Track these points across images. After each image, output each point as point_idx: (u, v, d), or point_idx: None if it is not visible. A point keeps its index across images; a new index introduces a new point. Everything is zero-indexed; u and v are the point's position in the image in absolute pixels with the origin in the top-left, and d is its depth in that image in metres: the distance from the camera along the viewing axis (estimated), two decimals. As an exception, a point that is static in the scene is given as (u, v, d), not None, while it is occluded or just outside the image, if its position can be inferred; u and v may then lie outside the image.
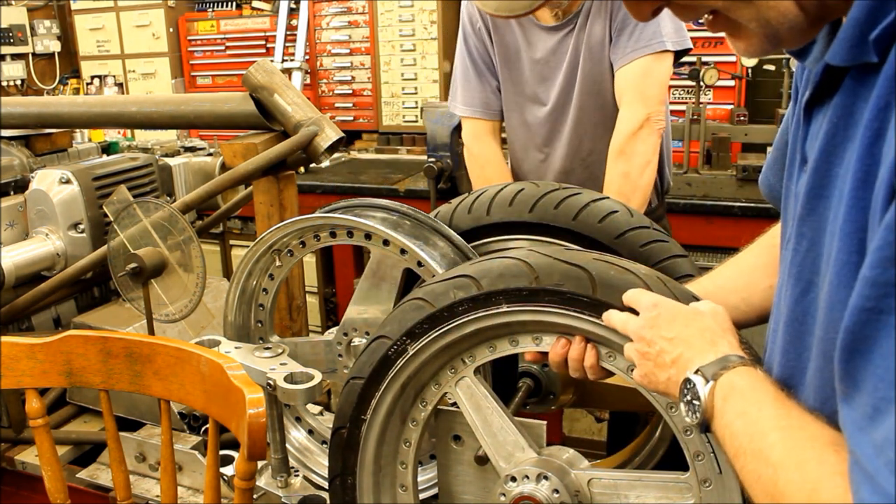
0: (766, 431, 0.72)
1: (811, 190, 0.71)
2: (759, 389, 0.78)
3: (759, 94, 3.77)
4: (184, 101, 1.91)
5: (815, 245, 0.71)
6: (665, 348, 0.89)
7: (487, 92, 2.08)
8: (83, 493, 1.67)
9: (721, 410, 0.79)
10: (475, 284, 1.02)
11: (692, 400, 0.82)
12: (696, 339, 0.89)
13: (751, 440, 0.72)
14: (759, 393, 0.77)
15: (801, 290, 0.74)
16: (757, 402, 0.76)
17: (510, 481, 1.04)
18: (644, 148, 1.87)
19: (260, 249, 1.41)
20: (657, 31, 1.84)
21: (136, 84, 4.94)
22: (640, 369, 0.92)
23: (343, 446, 1.14)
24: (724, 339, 0.88)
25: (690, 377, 0.83)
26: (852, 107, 0.66)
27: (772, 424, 0.72)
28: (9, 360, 1.31)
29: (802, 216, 0.73)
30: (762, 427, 0.72)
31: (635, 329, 0.93)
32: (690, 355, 0.87)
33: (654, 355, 0.90)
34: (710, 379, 0.81)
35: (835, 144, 0.68)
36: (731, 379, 0.80)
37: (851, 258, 0.61)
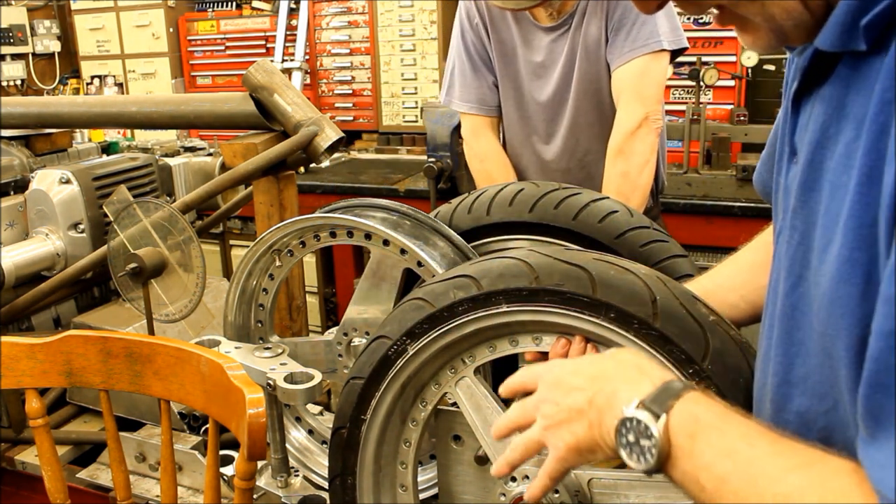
0: (778, 474, 0.62)
1: (804, 183, 0.70)
2: (731, 420, 0.68)
3: (759, 94, 3.77)
4: (184, 101, 1.91)
5: (805, 238, 0.70)
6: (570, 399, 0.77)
7: (484, 88, 2.09)
8: (83, 493, 1.67)
9: (688, 451, 0.67)
10: (475, 284, 1.02)
11: (638, 440, 0.70)
12: (609, 374, 0.77)
13: (754, 485, 0.62)
14: (734, 423, 0.67)
15: (792, 284, 0.73)
16: (742, 436, 0.66)
17: (510, 481, 1.04)
18: (643, 147, 1.87)
19: (260, 249, 1.41)
20: (654, 30, 1.84)
21: (136, 84, 4.94)
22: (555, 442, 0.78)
23: (343, 446, 1.14)
24: (647, 364, 0.78)
25: (630, 414, 0.70)
26: (844, 98, 0.65)
27: (782, 464, 0.62)
28: (9, 360, 1.31)
29: (795, 209, 0.72)
30: (769, 468, 0.62)
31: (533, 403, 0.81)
32: (612, 388, 0.75)
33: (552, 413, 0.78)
34: (660, 412, 0.69)
35: (827, 137, 0.67)
36: (689, 410, 0.69)
37: (853, 254, 0.60)
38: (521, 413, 0.84)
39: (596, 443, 0.76)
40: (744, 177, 3.15)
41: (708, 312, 0.94)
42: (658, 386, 0.72)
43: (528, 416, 0.82)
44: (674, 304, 0.93)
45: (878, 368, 0.55)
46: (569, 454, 0.78)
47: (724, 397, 0.88)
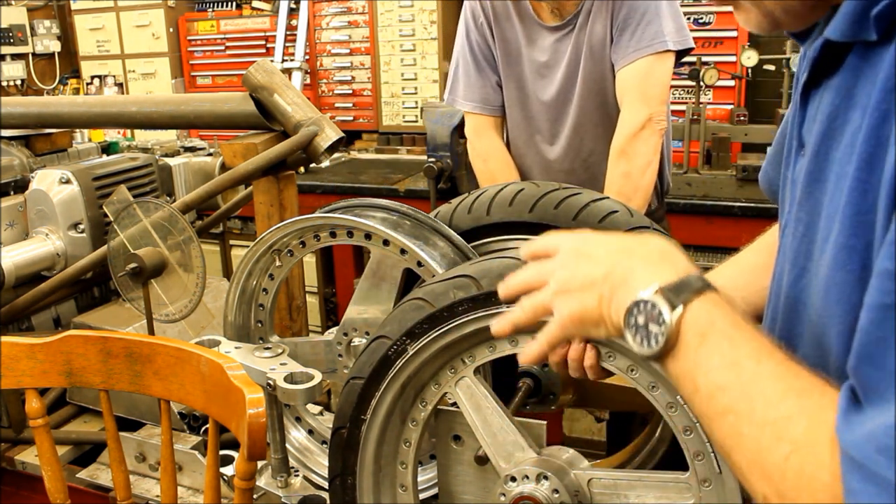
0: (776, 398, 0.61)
1: (810, 174, 0.70)
2: (745, 332, 0.66)
3: (759, 94, 3.77)
4: (184, 101, 1.91)
5: (809, 230, 0.70)
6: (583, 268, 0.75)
7: (488, 88, 2.08)
8: (83, 493, 1.67)
9: (695, 349, 0.66)
10: (475, 284, 1.02)
11: (647, 323, 0.68)
12: (634, 252, 0.74)
13: (750, 402, 0.62)
14: (747, 336, 0.66)
15: (795, 276, 0.72)
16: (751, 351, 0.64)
17: (510, 481, 1.04)
18: (646, 148, 1.87)
19: (260, 249, 1.41)
20: (659, 30, 1.83)
21: (136, 84, 4.95)
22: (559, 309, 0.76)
23: (343, 446, 1.14)
24: (676, 255, 0.74)
25: (647, 297, 0.68)
26: (854, 88, 0.64)
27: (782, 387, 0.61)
28: (9, 360, 1.32)
29: (801, 201, 0.72)
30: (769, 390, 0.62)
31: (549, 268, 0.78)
32: (631, 267, 0.72)
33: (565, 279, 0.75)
34: (678, 303, 0.67)
35: (834, 128, 0.66)
36: (709, 311, 0.67)
37: (850, 241, 0.60)
38: (535, 275, 0.81)
39: (602, 317, 0.74)
40: (744, 177, 3.15)
41: (708, 312, 0.94)
42: (681, 276, 0.69)
43: (541, 278, 0.80)
44: (674, 304, 0.93)
45: (867, 340, 0.54)
46: (571, 323, 0.76)
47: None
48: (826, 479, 0.56)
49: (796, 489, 0.58)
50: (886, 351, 0.53)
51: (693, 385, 0.66)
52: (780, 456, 0.58)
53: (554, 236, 0.82)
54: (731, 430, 0.63)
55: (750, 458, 0.61)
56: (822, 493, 0.56)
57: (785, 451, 0.58)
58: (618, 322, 0.71)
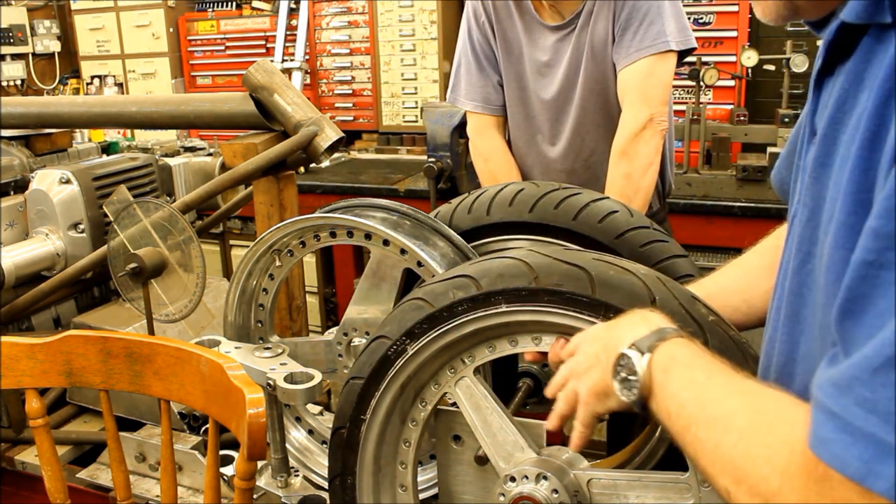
0: (721, 398, 0.69)
1: (817, 159, 0.69)
2: (701, 358, 0.75)
3: (759, 94, 3.77)
4: (184, 101, 1.91)
5: (814, 214, 0.70)
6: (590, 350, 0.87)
7: (489, 87, 2.08)
8: (83, 493, 1.67)
9: (662, 383, 0.75)
10: (475, 284, 1.02)
11: (627, 376, 0.78)
12: (621, 324, 0.86)
13: (703, 409, 0.69)
14: (704, 361, 0.74)
15: (800, 261, 0.72)
16: (704, 370, 0.73)
17: (509, 481, 1.04)
18: (647, 149, 1.86)
19: (260, 249, 1.41)
20: (661, 30, 1.83)
21: (136, 84, 4.95)
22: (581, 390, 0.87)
23: (343, 446, 1.14)
24: (655, 315, 0.84)
25: (624, 352, 0.79)
26: (864, 73, 0.64)
27: (727, 391, 0.69)
28: (9, 360, 1.32)
29: (808, 186, 0.72)
30: (716, 394, 0.69)
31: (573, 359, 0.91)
32: (618, 334, 0.83)
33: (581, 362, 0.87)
34: (645, 351, 0.77)
35: (843, 112, 0.66)
36: (670, 350, 0.77)
37: (849, 219, 0.59)
38: (564, 370, 0.92)
39: (607, 385, 0.83)
40: (744, 177, 3.15)
41: (707, 313, 0.94)
42: (653, 330, 0.79)
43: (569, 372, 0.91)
44: (673, 305, 0.93)
45: (849, 297, 0.55)
46: (590, 399, 0.86)
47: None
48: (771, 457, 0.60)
49: (746, 472, 0.62)
50: (867, 306, 0.54)
51: (666, 413, 0.74)
52: (730, 445, 0.64)
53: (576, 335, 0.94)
54: (694, 439, 0.69)
55: (709, 457, 0.66)
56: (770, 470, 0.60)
57: (733, 439, 0.64)
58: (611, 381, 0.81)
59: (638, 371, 0.76)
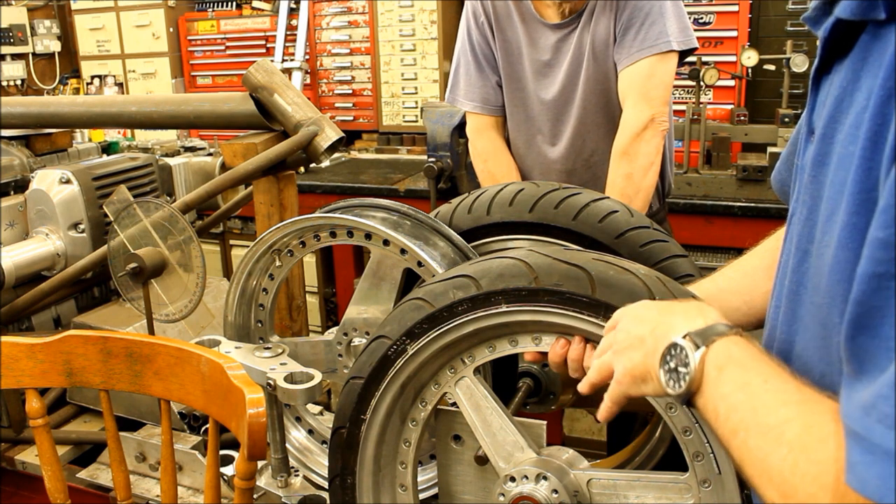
0: (775, 406, 0.65)
1: (815, 157, 0.69)
2: (760, 360, 0.71)
3: (759, 94, 3.77)
4: (184, 101, 1.91)
5: (812, 213, 0.70)
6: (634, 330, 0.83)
7: (488, 87, 2.08)
8: (83, 493, 1.67)
9: (715, 381, 0.72)
10: (474, 284, 1.02)
11: (677, 367, 0.75)
12: (676, 311, 0.82)
13: (755, 415, 0.66)
14: (761, 364, 0.70)
15: (798, 260, 0.72)
16: (760, 373, 0.69)
17: (509, 481, 1.04)
18: (648, 149, 1.86)
19: (260, 249, 1.41)
20: (663, 30, 1.83)
21: (136, 84, 4.95)
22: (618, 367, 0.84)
23: (343, 446, 1.14)
24: (711, 310, 0.81)
25: (677, 341, 0.75)
26: (860, 71, 0.64)
27: (782, 398, 0.65)
28: (9, 360, 1.32)
29: (806, 184, 0.71)
30: (770, 401, 0.66)
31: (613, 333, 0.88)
32: (672, 322, 0.80)
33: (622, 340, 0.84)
34: (701, 344, 0.74)
35: (841, 110, 0.66)
36: (728, 347, 0.73)
37: (852, 219, 0.59)
38: (603, 342, 0.90)
39: (647, 371, 0.80)
40: (744, 177, 3.15)
41: (707, 312, 0.94)
42: (709, 324, 0.76)
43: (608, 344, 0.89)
44: (673, 305, 0.93)
45: (861, 311, 0.55)
46: (625, 379, 0.84)
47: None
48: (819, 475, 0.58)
49: (794, 487, 0.60)
50: (881, 320, 0.53)
51: (714, 413, 0.71)
52: (779, 458, 0.61)
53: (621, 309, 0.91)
54: (742, 445, 0.66)
55: (757, 468, 0.64)
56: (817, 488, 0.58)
57: (782, 453, 0.61)
58: (657, 368, 0.78)
59: (690, 364, 0.73)
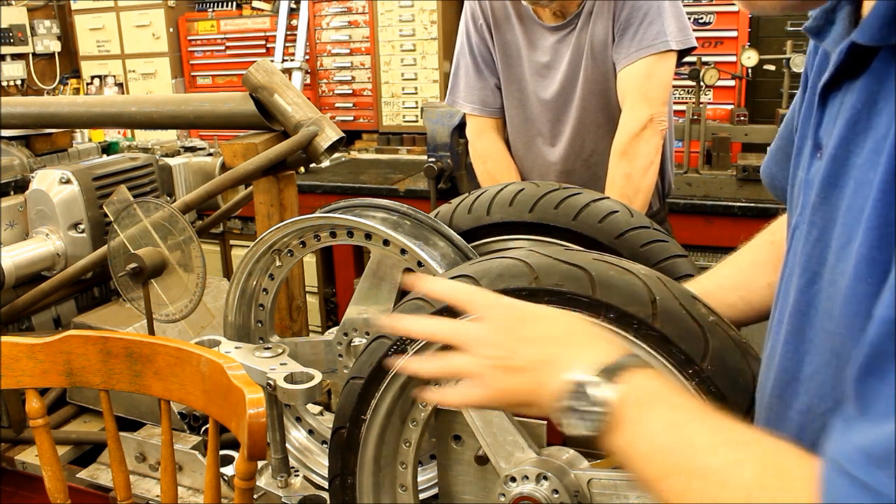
0: (713, 447, 0.63)
1: (826, 178, 0.68)
2: (682, 397, 0.69)
3: (759, 94, 3.77)
4: (184, 101, 1.91)
5: (824, 235, 0.69)
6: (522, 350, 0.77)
7: (487, 90, 2.08)
8: (83, 493, 1.67)
9: (636, 419, 0.68)
10: (475, 284, 1.02)
11: (588, 408, 0.70)
12: (570, 336, 0.77)
13: (692, 457, 0.63)
14: (686, 401, 0.68)
15: (807, 281, 0.72)
16: (689, 411, 0.67)
17: (510, 481, 1.04)
18: (647, 149, 1.86)
19: (260, 249, 1.41)
20: (661, 30, 1.83)
21: (136, 84, 4.95)
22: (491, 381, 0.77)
23: (343, 446, 1.14)
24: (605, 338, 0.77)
25: (583, 379, 0.70)
26: (877, 94, 0.63)
27: (719, 438, 0.63)
28: (9, 360, 1.32)
29: (815, 205, 0.70)
30: (707, 442, 0.63)
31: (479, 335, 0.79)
32: (569, 354, 0.74)
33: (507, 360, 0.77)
34: (613, 381, 0.69)
35: (855, 132, 0.65)
36: (644, 383, 0.70)
37: (872, 253, 0.58)
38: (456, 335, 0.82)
39: (535, 399, 0.75)
40: (744, 177, 3.15)
41: (707, 313, 0.94)
42: (615, 358, 0.72)
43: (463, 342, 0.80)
44: (673, 305, 0.93)
45: (874, 353, 0.54)
46: (501, 396, 0.78)
47: (723, 398, 0.89)
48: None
49: None
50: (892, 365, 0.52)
51: (635, 454, 0.68)
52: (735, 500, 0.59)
53: (483, 297, 0.84)
54: (679, 488, 0.63)
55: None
56: None
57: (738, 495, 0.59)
58: (555, 405, 0.72)
59: (604, 403, 0.69)
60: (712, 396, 0.89)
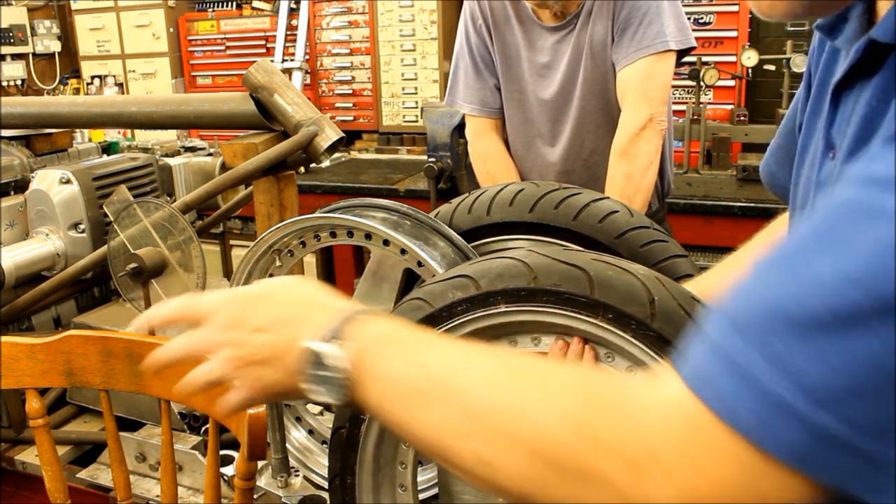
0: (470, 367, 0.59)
1: None
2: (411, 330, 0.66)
3: (759, 94, 3.77)
4: (184, 101, 1.91)
5: None
6: (255, 340, 0.73)
7: (486, 90, 2.09)
8: (83, 493, 1.67)
9: (375, 369, 0.64)
10: (474, 284, 1.02)
11: (327, 374, 0.66)
12: (297, 309, 0.74)
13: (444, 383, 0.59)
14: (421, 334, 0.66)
15: None
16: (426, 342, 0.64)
17: (509, 481, 1.04)
18: (647, 149, 1.86)
19: (260, 249, 1.41)
20: (660, 30, 1.83)
21: (136, 84, 4.95)
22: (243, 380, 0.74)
23: (343, 446, 1.14)
24: (325, 296, 0.75)
25: (312, 347, 0.67)
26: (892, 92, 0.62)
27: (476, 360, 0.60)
28: (9, 360, 1.32)
29: None
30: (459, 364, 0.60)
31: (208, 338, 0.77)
32: (297, 329, 0.71)
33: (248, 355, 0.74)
34: (337, 337, 0.66)
35: (871, 131, 0.64)
36: (370, 329, 0.66)
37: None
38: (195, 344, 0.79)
39: (287, 384, 0.72)
40: (744, 177, 3.15)
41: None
42: (339, 317, 0.69)
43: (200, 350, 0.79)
44: (672, 305, 0.93)
45: None
46: (259, 393, 0.75)
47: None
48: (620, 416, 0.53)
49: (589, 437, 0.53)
50: None
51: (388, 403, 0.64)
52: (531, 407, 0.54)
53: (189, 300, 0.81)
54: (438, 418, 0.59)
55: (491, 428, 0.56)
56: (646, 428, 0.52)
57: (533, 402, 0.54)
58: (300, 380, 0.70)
59: (339, 366, 0.65)
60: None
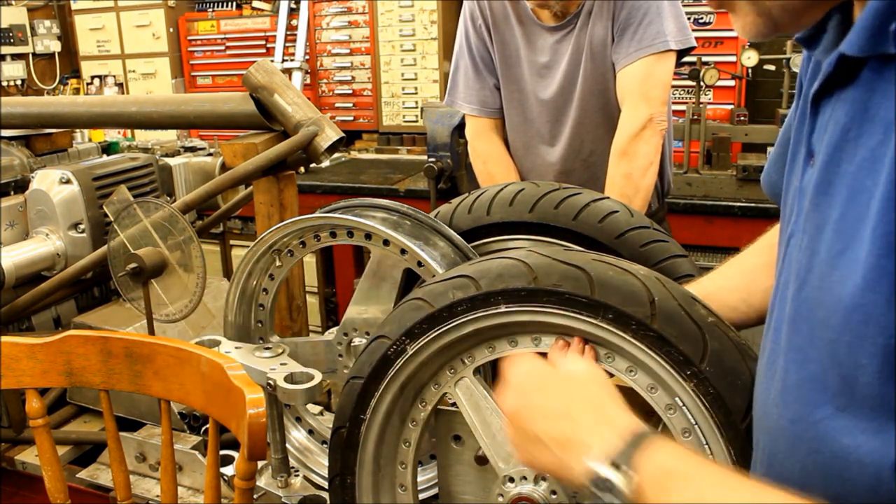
0: None
1: (818, 186, 0.69)
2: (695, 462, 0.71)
3: (759, 94, 3.77)
4: (184, 101, 1.91)
5: (813, 242, 0.69)
6: (540, 425, 0.81)
7: (486, 90, 2.09)
8: (83, 493, 1.67)
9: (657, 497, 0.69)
10: (474, 285, 1.02)
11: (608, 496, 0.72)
12: (580, 412, 0.80)
13: None
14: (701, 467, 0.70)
15: (797, 288, 0.72)
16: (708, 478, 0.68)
17: (508, 482, 1.05)
18: (647, 149, 1.86)
19: (260, 249, 1.41)
20: (660, 30, 1.83)
21: (136, 84, 4.95)
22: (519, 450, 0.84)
23: (343, 446, 1.14)
24: (613, 407, 0.80)
25: (597, 471, 0.72)
26: (868, 102, 0.63)
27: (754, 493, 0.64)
28: (9, 360, 1.32)
29: (808, 212, 0.71)
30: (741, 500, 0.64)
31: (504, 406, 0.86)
32: (581, 436, 0.77)
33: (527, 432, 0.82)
34: (625, 466, 0.71)
35: (847, 140, 0.65)
36: (657, 460, 0.71)
37: (881, 261, 0.58)
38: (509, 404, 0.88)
39: (562, 475, 0.79)
40: (744, 177, 3.15)
41: (706, 314, 0.94)
42: (624, 438, 0.73)
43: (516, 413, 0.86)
44: (672, 305, 0.93)
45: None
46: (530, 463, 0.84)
47: (721, 399, 0.89)
48: None
49: None
50: None
51: None
52: None
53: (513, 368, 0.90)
54: None
55: None
56: None
57: None
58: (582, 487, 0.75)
59: (624, 491, 0.70)
60: (710, 398, 0.89)
